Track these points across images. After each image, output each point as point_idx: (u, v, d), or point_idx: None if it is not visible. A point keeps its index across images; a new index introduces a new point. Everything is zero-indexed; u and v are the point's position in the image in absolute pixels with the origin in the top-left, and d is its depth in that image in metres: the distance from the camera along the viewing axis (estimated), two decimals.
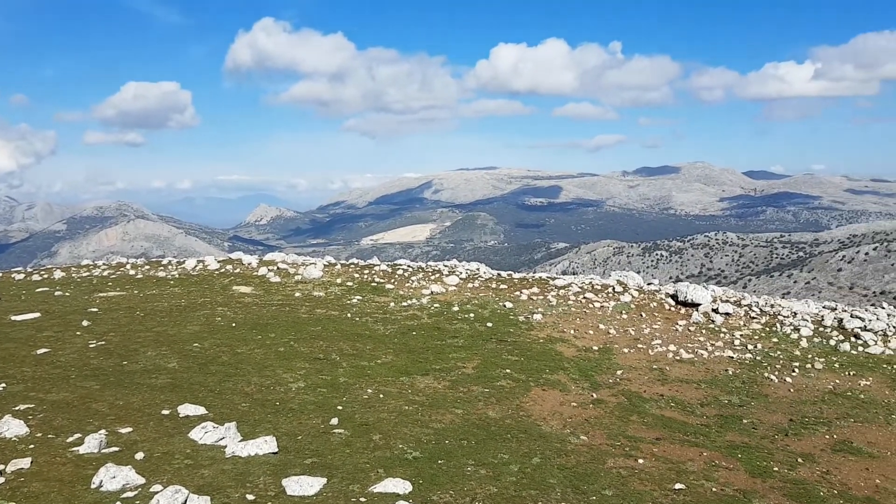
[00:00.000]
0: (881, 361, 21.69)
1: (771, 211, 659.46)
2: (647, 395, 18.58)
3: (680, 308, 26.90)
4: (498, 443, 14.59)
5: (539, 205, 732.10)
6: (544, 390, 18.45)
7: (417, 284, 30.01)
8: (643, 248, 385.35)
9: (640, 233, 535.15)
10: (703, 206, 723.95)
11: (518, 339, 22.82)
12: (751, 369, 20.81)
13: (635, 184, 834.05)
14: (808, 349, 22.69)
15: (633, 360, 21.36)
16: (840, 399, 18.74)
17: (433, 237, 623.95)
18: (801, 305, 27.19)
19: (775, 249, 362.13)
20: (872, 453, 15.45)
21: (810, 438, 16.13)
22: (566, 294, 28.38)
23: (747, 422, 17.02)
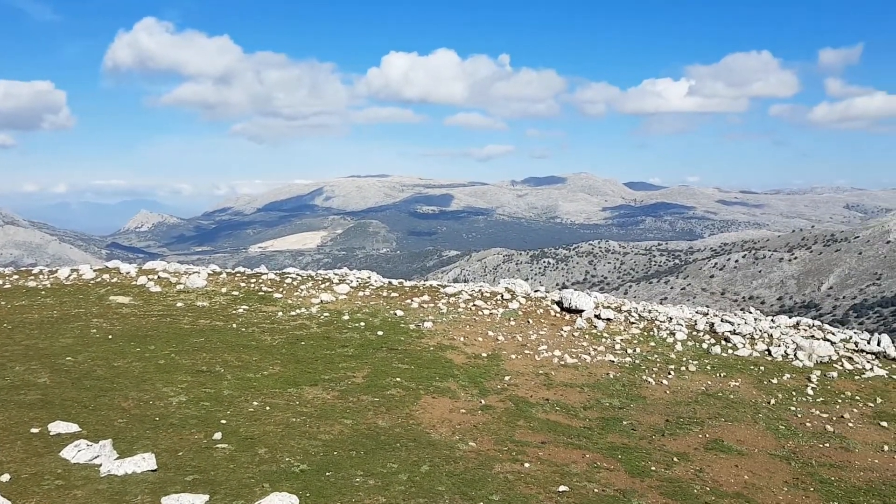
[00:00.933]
0: (749, 363, 23.07)
1: (650, 220, 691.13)
2: (534, 400, 19.02)
3: (565, 314, 27.70)
4: (387, 452, 14.55)
5: (431, 213, 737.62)
6: (434, 398, 18.55)
7: (307, 293, 29.56)
8: (531, 256, 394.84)
9: (528, 241, 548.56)
10: (587, 215, 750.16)
11: (409, 348, 22.86)
12: (630, 373, 21.68)
13: (524, 193, 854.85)
14: (683, 352, 23.85)
15: (520, 366, 21.81)
16: (712, 400, 19.80)
17: (324, 245, 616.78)
18: (676, 311, 28.57)
19: (654, 257, 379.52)
20: (741, 451, 16.40)
21: (685, 438, 16.96)
22: (456, 302, 28.68)
23: (627, 423, 17.71)
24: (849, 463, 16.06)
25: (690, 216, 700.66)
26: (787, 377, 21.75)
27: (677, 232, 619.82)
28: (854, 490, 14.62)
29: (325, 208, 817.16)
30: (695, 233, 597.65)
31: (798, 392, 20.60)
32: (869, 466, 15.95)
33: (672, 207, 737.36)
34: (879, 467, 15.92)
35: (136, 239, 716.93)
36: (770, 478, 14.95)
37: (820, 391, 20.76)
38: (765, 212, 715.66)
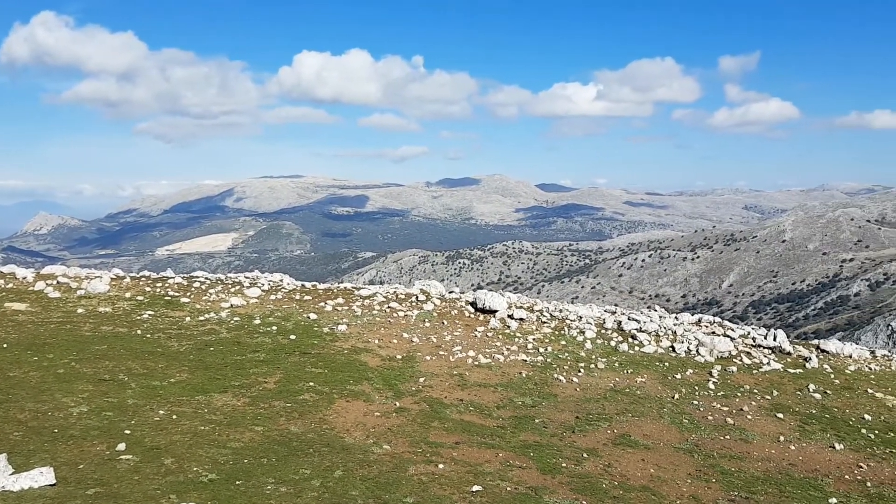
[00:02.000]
0: (654, 359, 23.88)
1: (561, 221, 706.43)
2: (448, 401, 19.12)
3: (479, 315, 27.96)
4: (300, 458, 14.33)
5: (346, 214, 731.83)
6: (348, 402, 18.40)
7: (216, 297, 28.80)
8: (447, 257, 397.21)
9: (443, 242, 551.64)
10: (501, 216, 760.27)
11: (322, 351, 22.59)
12: (542, 371, 22.08)
13: (439, 194, 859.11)
14: (593, 350, 24.47)
15: (435, 367, 21.88)
16: (620, 396, 20.40)
17: (235, 247, 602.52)
18: (585, 310, 29.29)
19: (565, 257, 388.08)
20: (648, 445, 16.96)
21: (594, 434, 17.41)
22: (371, 304, 28.54)
23: (539, 421, 18.03)
24: (748, 454, 16.84)
25: (600, 217, 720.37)
26: (690, 372, 22.63)
27: (587, 232, 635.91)
28: (753, 480, 15.34)
29: (236, 209, 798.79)
30: (604, 233, 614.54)
31: (700, 387, 21.46)
32: (766, 457, 16.77)
33: (582, 208, 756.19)
34: (776, 457, 16.76)
35: (34, 242, 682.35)
36: (674, 470, 15.51)
37: (721, 385, 21.69)
38: (669, 212, 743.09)
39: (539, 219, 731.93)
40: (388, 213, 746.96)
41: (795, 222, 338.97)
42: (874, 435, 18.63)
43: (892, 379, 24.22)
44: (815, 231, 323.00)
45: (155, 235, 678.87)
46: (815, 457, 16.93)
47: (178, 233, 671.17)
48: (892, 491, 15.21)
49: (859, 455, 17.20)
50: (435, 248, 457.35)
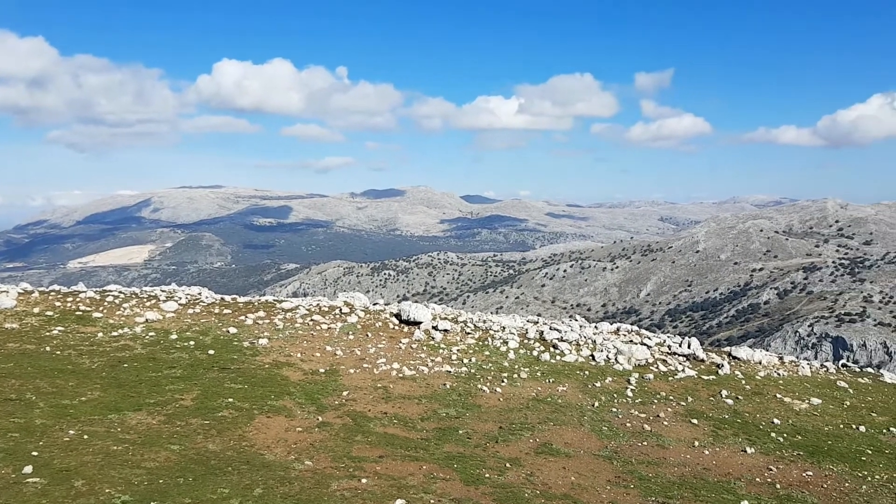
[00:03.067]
0: (575, 368, 24.32)
1: (485, 232, 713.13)
2: (372, 414, 18.98)
3: (404, 326, 27.90)
4: (218, 477, 13.96)
5: (269, 225, 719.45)
6: (269, 417, 18.05)
7: (131, 312, 27.83)
8: (372, 268, 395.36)
9: (368, 253, 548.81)
10: (426, 227, 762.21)
11: (242, 366, 22.10)
12: (466, 382, 22.19)
13: (363, 205, 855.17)
14: (516, 360, 24.75)
15: (358, 381, 21.70)
16: (542, 405, 20.68)
17: (152, 259, 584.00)
18: (509, 320, 29.60)
19: (490, 268, 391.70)
20: (569, 453, 17.23)
21: (517, 443, 17.58)
22: (293, 317, 28.11)
23: (463, 432, 18.10)
24: (664, 459, 17.31)
25: (523, 228, 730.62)
26: (610, 380, 23.14)
27: (511, 243, 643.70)
28: (669, 485, 15.77)
29: (153, 220, 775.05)
30: (527, 244, 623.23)
31: (619, 394, 21.97)
32: (682, 461, 17.28)
33: (506, 220, 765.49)
34: (691, 462, 17.29)
35: None
36: (594, 477, 15.80)
37: (638, 393, 22.25)
38: (589, 224, 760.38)
39: (464, 230, 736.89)
40: (312, 224, 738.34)
41: (708, 233, 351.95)
42: (783, 438, 19.45)
43: (799, 384, 25.35)
44: (726, 242, 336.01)
45: (67, 248, 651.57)
46: (727, 461, 17.54)
47: (91, 245, 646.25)
48: (800, 492, 15.89)
49: (769, 458, 17.91)
50: (360, 259, 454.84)
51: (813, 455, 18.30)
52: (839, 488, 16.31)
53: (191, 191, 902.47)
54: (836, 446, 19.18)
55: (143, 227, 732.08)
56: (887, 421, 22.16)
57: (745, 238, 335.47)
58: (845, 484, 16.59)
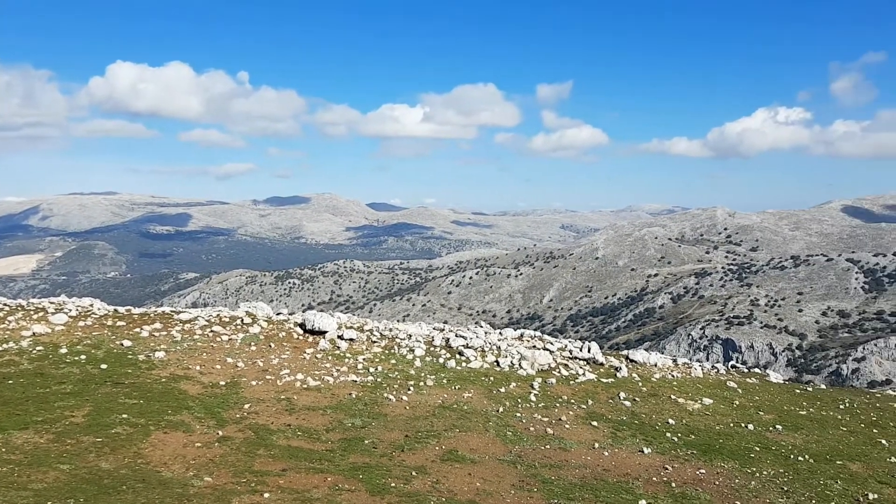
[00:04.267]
0: (480, 374, 24.57)
1: (392, 240, 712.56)
2: (275, 427, 18.59)
3: (308, 336, 27.47)
4: (112, 497, 13.33)
5: (166, 233, 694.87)
6: (166, 433, 17.39)
7: (16, 325, 26.26)
8: (276, 277, 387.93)
9: (272, 261, 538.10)
10: (331, 235, 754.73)
11: (137, 381, 21.21)
12: (372, 391, 22.05)
13: (267, 213, 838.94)
14: (422, 368, 24.79)
15: (261, 393, 21.21)
16: (448, 412, 20.78)
17: (41, 269, 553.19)
18: (415, 328, 29.64)
19: (396, 276, 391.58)
20: (474, 459, 17.37)
21: (423, 451, 17.59)
22: (192, 328, 27.21)
23: (369, 442, 17.96)
24: (566, 462, 17.71)
25: (429, 236, 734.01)
26: (514, 386, 23.50)
27: (418, 251, 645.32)
28: (571, 486, 16.13)
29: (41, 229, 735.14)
30: (433, 252, 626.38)
31: (523, 399, 22.34)
32: (583, 463, 17.72)
33: (412, 227, 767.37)
34: (591, 463, 17.75)
35: None
36: (499, 482, 15.99)
37: (541, 397, 22.69)
38: (494, 231, 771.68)
39: (370, 238, 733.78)
40: (212, 232, 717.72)
41: (607, 241, 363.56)
42: (677, 438, 20.25)
43: (692, 385, 26.48)
44: (624, 249, 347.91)
45: None
46: (626, 461, 18.11)
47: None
48: (694, 490, 16.56)
49: (665, 457, 18.60)
50: (263, 267, 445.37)
51: (705, 453, 19.12)
52: (730, 484, 17.09)
53: (83, 197, 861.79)
54: (727, 444, 20.12)
55: (31, 235, 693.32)
56: (773, 419, 23.43)
57: (641, 245, 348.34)
58: (735, 480, 17.41)
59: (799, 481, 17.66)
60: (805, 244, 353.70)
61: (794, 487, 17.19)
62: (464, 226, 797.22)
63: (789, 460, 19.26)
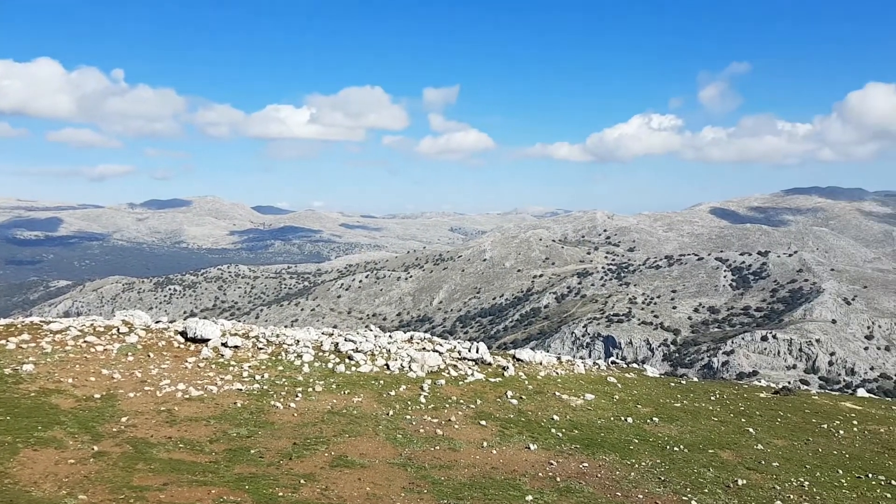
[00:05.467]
0: (370, 378, 24.49)
1: (279, 244, 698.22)
2: (155, 440, 17.85)
3: (190, 345, 26.55)
4: None
5: (34, 238, 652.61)
6: (36, 450, 16.35)
7: None
8: (155, 284, 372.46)
9: (151, 267, 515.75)
10: (215, 239, 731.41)
11: (3, 396, 19.85)
12: (259, 399, 21.55)
13: (145, 216, 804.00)
14: (310, 374, 24.45)
15: (139, 405, 20.31)
16: (337, 417, 20.58)
17: None
18: (303, 333, 29.21)
19: (284, 280, 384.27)
20: (364, 464, 17.29)
21: (311, 458, 17.35)
22: (64, 339, 25.71)
23: (255, 451, 17.54)
24: (456, 462, 17.92)
25: (317, 239, 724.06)
26: (404, 388, 23.57)
27: (306, 255, 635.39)
28: (460, 486, 16.33)
29: None
30: (322, 255, 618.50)
31: (413, 401, 22.44)
32: (472, 463, 17.98)
33: (300, 231, 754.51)
34: (480, 462, 18.04)
35: None
36: (389, 486, 15.99)
37: (431, 399, 22.87)
38: (383, 234, 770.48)
39: (256, 241, 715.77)
40: (85, 237, 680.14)
41: (494, 243, 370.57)
42: (562, 433, 20.90)
43: (575, 381, 27.39)
44: (510, 250, 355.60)
45: None
46: (513, 458, 18.52)
47: None
48: (578, 483, 17.13)
49: (550, 453, 19.15)
50: (142, 274, 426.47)
51: (588, 447, 19.83)
52: (611, 476, 17.80)
53: None
54: (608, 438, 20.94)
55: None
56: (650, 412, 24.58)
57: (526, 247, 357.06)
58: (616, 472, 18.14)
59: (675, 470, 18.60)
60: (678, 244, 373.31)
61: (670, 476, 18.09)
62: (353, 229, 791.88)
63: (665, 451, 20.26)
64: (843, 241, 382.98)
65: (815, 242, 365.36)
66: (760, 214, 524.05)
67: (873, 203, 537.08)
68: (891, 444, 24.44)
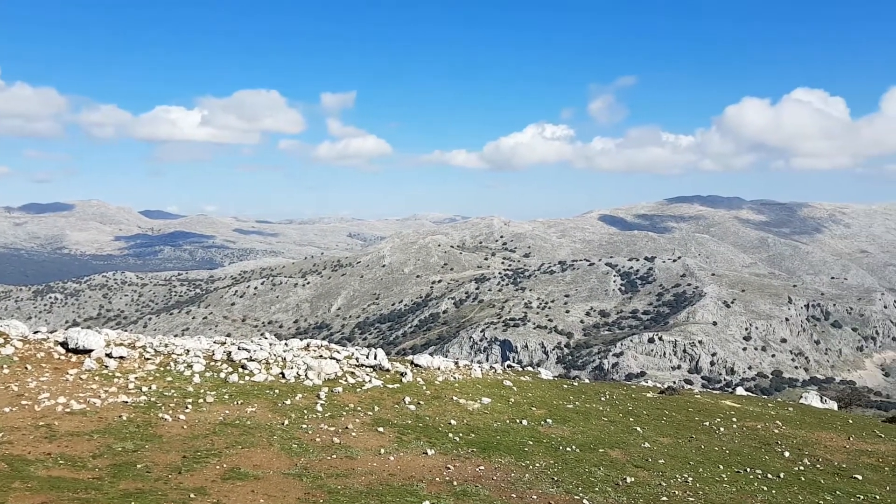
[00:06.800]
0: (265, 388, 23.95)
1: (169, 250, 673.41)
2: (33, 457, 16.82)
3: (71, 356, 25.19)
4: None
5: None
6: None
7: None
8: (34, 292, 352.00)
9: (30, 275, 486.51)
10: (99, 245, 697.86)
11: None
12: (146, 412, 20.69)
13: (23, 221, 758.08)
14: (201, 384, 23.68)
15: (16, 420, 19.10)
16: (230, 428, 20.01)
17: None
18: (193, 342, 28.27)
19: (174, 287, 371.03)
20: (258, 475, 16.87)
21: (202, 472, 16.79)
22: None
23: (142, 466, 16.83)
24: (353, 470, 17.76)
25: (210, 245, 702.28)
26: (300, 397, 23.19)
27: (198, 261, 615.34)
28: (357, 494, 16.19)
29: None
30: (215, 261, 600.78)
31: (309, 410, 22.11)
32: (369, 470, 17.87)
33: (191, 236, 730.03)
34: (377, 470, 17.96)
35: None
36: (284, 497, 15.68)
37: (328, 407, 22.60)
38: (280, 240, 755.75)
39: (144, 247, 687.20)
40: None
41: (393, 248, 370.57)
42: (459, 437, 21.10)
43: (472, 385, 27.73)
44: (409, 256, 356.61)
45: None
46: (410, 464, 18.54)
47: None
48: (474, 486, 17.32)
49: (447, 457, 19.29)
50: (19, 281, 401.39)
51: (484, 450, 20.10)
52: (507, 478, 18.10)
53: None
54: (504, 440, 21.30)
55: None
56: (544, 413, 25.19)
57: (425, 253, 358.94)
58: (512, 474, 18.47)
59: (567, 470, 19.12)
60: (571, 250, 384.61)
61: (563, 476, 18.58)
62: (248, 234, 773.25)
63: (559, 451, 20.81)
64: (722, 247, 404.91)
65: (697, 248, 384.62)
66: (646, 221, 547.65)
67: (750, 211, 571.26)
68: (767, 439, 26.01)
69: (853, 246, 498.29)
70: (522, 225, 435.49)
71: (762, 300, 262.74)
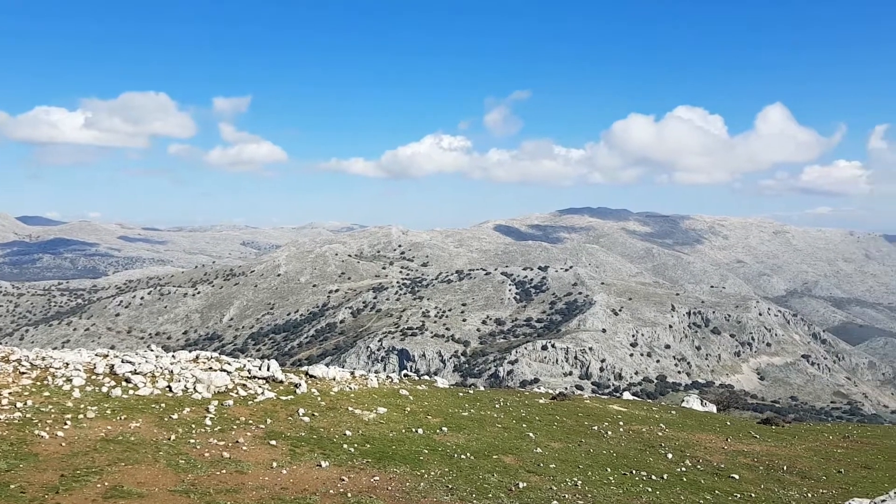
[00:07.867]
0: (150, 402, 23.00)
1: (48, 258, 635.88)
2: None
3: None
4: None
5: None
6: None
7: None
8: None
9: None
10: None
11: None
12: (20, 429, 19.47)
13: None
14: (82, 399, 22.51)
15: None
16: (112, 445, 19.11)
17: None
18: (73, 355, 26.85)
19: (54, 297, 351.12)
20: (142, 493, 16.17)
21: (82, 491, 15.95)
22: None
23: (15, 486, 15.82)
24: (243, 485, 17.30)
25: (93, 253, 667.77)
26: (188, 411, 22.40)
27: (79, 270, 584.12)
28: None
29: None
30: (98, 270, 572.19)
31: (198, 424, 21.39)
32: (261, 485, 17.46)
33: (73, 244, 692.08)
34: (269, 483, 17.57)
35: None
36: None
37: (218, 420, 21.94)
38: (169, 248, 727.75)
39: (21, 255, 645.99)
40: None
41: (289, 257, 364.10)
42: (354, 448, 20.93)
43: (368, 395, 27.60)
44: (306, 265, 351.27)
45: None
46: (304, 477, 18.24)
47: None
48: (369, 497, 17.23)
49: (342, 469, 19.10)
50: None
51: (380, 461, 20.03)
52: (402, 488, 18.10)
53: None
54: (399, 450, 21.30)
55: None
56: (440, 422, 25.36)
57: (322, 262, 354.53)
58: (407, 483, 18.48)
59: (462, 478, 19.31)
60: (468, 259, 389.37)
61: (457, 484, 18.75)
62: (134, 241, 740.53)
63: (453, 459, 20.99)
64: (611, 257, 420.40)
65: (587, 258, 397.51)
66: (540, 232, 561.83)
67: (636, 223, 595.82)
68: (651, 442, 27.14)
69: (731, 256, 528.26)
70: (420, 234, 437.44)
71: (648, 308, 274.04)
